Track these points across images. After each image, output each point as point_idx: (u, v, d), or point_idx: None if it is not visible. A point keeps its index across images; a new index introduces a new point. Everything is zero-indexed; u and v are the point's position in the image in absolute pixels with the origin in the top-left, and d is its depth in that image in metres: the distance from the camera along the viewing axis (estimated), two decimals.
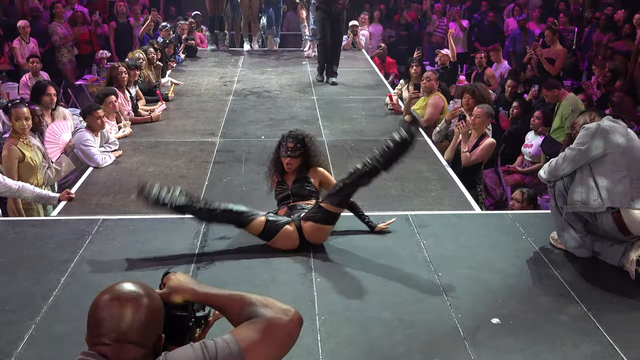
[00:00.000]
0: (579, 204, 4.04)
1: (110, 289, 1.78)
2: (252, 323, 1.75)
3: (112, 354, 1.69)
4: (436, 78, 7.67)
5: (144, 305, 1.75)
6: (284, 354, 1.79)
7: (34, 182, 5.53)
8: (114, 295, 1.76)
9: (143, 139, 7.22)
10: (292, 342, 1.80)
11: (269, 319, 1.76)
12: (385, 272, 4.13)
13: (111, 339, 1.70)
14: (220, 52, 12.79)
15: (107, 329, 1.71)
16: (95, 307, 1.75)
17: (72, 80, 11.83)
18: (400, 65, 12.09)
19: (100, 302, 1.75)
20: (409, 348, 3.32)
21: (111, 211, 5.23)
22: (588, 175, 4.04)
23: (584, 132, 4.12)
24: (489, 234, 4.72)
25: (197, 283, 1.92)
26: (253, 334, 1.73)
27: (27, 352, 3.29)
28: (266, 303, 1.80)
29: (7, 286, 3.95)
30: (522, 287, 3.97)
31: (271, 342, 1.74)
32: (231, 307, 1.82)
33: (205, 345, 1.70)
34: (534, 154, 7.63)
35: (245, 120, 8.06)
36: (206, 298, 1.88)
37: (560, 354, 3.28)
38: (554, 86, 7.83)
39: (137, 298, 1.76)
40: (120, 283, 1.80)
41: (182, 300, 1.87)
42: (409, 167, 6.25)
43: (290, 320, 1.78)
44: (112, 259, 4.30)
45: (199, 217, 4.33)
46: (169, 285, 1.89)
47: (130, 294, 1.76)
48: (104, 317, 1.72)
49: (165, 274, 1.96)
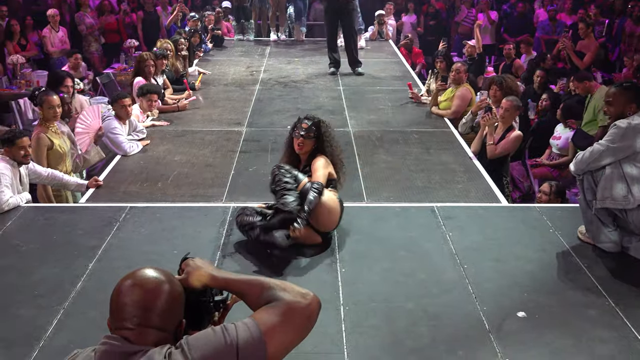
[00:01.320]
0: (608, 200, 3.99)
1: (132, 275, 1.81)
2: (271, 307, 1.76)
3: (134, 338, 1.72)
4: (465, 70, 7.62)
5: (165, 290, 1.78)
6: (303, 337, 1.80)
7: (62, 169, 5.60)
8: (136, 281, 1.78)
9: (170, 128, 7.26)
10: (311, 326, 1.81)
11: (288, 303, 1.77)
12: (411, 264, 4.12)
13: (134, 324, 1.73)
14: (246, 42, 12.82)
15: (130, 314, 1.74)
16: (118, 292, 1.78)
17: (100, 69, 11.93)
18: (427, 56, 12.01)
19: (123, 287, 1.78)
20: (433, 340, 3.32)
21: (138, 199, 5.28)
22: (618, 172, 3.99)
23: (614, 130, 4.05)
24: (515, 226, 4.69)
25: (215, 268, 1.94)
26: (273, 317, 1.74)
27: (56, 336, 3.35)
28: (285, 287, 1.81)
29: (36, 271, 4.02)
30: (549, 281, 3.94)
31: (291, 325, 1.75)
32: (250, 292, 1.83)
33: (225, 328, 1.72)
34: (562, 147, 7.53)
35: (271, 109, 8.07)
36: (225, 283, 1.89)
37: (586, 349, 3.26)
38: (585, 78, 7.71)
39: (159, 284, 1.78)
40: (142, 269, 1.83)
41: (201, 285, 1.90)
42: (435, 159, 6.24)
43: (309, 304, 1.78)
44: (139, 246, 4.36)
45: None
46: (188, 270, 1.91)
47: (152, 279, 1.79)
48: (127, 302, 1.75)
49: (183, 259, 1.98)
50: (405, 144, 6.72)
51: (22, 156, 4.95)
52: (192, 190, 5.50)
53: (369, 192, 5.42)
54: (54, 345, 3.27)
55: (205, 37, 11.81)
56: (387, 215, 4.81)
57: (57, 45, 11.40)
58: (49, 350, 3.22)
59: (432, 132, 7.14)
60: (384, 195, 5.36)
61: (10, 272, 4.01)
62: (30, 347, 3.24)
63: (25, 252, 4.29)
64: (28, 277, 3.95)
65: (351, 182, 5.62)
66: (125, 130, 6.50)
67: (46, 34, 11.35)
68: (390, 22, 13.40)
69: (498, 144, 6.11)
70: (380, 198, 5.30)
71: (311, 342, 3.20)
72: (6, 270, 4.04)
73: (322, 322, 3.15)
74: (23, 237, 4.48)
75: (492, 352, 3.22)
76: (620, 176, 3.97)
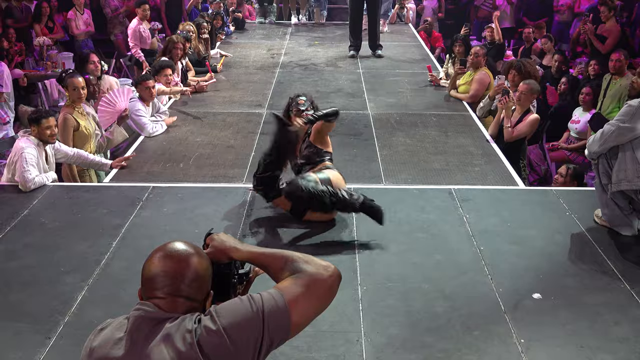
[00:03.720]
0: (624, 182, 3.99)
1: (163, 247, 1.90)
2: (295, 278, 1.86)
3: (165, 306, 1.81)
4: (484, 54, 7.60)
5: (194, 262, 1.86)
6: (324, 307, 1.89)
7: (87, 149, 5.69)
8: (167, 253, 1.87)
9: (192, 109, 7.34)
10: (333, 296, 1.90)
11: (312, 274, 1.86)
12: (427, 245, 4.17)
13: (165, 293, 1.82)
14: (267, 25, 12.84)
15: (161, 284, 1.83)
16: (150, 263, 1.87)
17: (124, 52, 12.02)
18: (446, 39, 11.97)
19: (154, 259, 1.87)
20: (449, 320, 3.37)
21: (161, 179, 5.37)
22: (632, 153, 3.97)
23: (625, 109, 4.04)
24: (532, 209, 4.72)
25: (239, 242, 2.04)
26: (297, 287, 1.83)
27: (80, 312, 3.44)
28: (307, 260, 1.90)
29: (62, 249, 4.12)
30: (564, 263, 3.97)
31: (314, 295, 1.84)
32: (274, 264, 1.92)
33: (252, 297, 1.81)
34: (580, 130, 7.51)
35: (291, 92, 7.99)
36: (250, 256, 1.99)
37: (601, 331, 3.29)
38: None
39: (189, 255, 1.87)
40: (173, 242, 1.91)
41: (226, 258, 1.99)
42: (453, 142, 6.26)
43: (331, 276, 1.87)
44: (161, 225, 4.44)
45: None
46: (213, 244, 2.01)
47: (182, 252, 1.87)
48: (159, 273, 1.84)
49: (207, 234, 2.07)
50: (424, 126, 6.75)
51: (48, 135, 5.05)
52: (213, 171, 5.58)
53: (387, 174, 5.47)
54: (79, 320, 3.35)
55: (227, 20, 11.85)
56: (405, 197, 4.85)
57: (82, 28, 11.51)
58: (74, 325, 3.31)
59: (451, 115, 7.16)
60: (402, 178, 5.41)
61: (37, 249, 4.11)
62: (55, 323, 3.33)
63: (51, 229, 4.39)
64: (54, 254, 4.04)
65: (369, 164, 5.69)
66: (149, 112, 6.58)
67: (71, 16, 11.46)
68: (410, 5, 13.34)
69: (515, 127, 6.12)
70: (398, 180, 5.34)
71: (329, 321, 3.28)
72: (32, 247, 4.14)
73: (340, 301, 3.24)
74: (48, 215, 4.58)
75: (508, 333, 3.27)
76: (633, 157, 3.96)
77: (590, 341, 3.21)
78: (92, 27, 11.72)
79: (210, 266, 1.93)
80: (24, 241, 4.21)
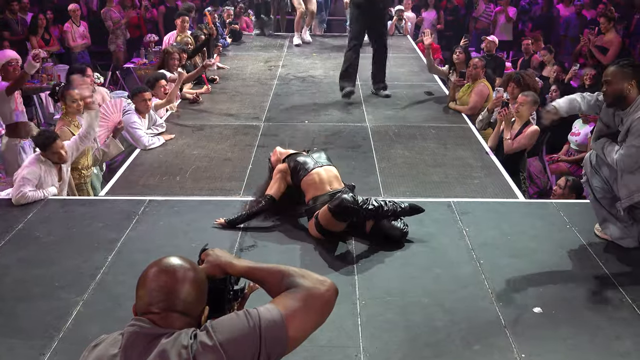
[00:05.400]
0: (636, 194, 3.94)
1: (158, 262, 1.87)
2: (291, 292, 1.84)
3: (160, 322, 1.78)
4: (482, 66, 7.59)
5: (190, 277, 1.83)
6: (322, 321, 1.87)
7: (84, 162, 5.67)
8: (162, 268, 1.84)
9: (189, 122, 7.31)
10: (330, 310, 1.88)
11: (308, 289, 1.84)
12: (427, 259, 4.14)
13: (159, 308, 1.79)
14: (265, 37, 12.84)
15: (156, 299, 1.79)
16: (145, 278, 1.84)
17: (122, 63, 12.04)
18: (445, 52, 11.97)
19: (149, 273, 1.84)
20: (449, 334, 3.33)
21: (157, 192, 5.33)
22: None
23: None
24: (532, 222, 4.68)
25: (234, 257, 2.02)
26: (294, 302, 1.81)
27: (75, 327, 3.40)
28: (303, 274, 1.88)
29: (56, 263, 4.08)
30: (565, 277, 3.94)
31: (311, 309, 1.82)
32: (270, 279, 1.91)
33: (248, 312, 1.78)
34: (580, 142, 7.49)
35: (289, 104, 8.09)
36: (246, 271, 1.97)
37: (602, 345, 3.26)
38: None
39: (184, 270, 1.84)
40: (168, 257, 1.88)
41: (222, 274, 1.97)
42: (452, 154, 6.23)
43: (327, 290, 1.85)
44: (157, 239, 4.40)
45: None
46: (209, 260, 1.99)
47: (177, 266, 1.84)
48: (154, 287, 1.81)
49: (202, 250, 2.05)
50: (423, 139, 6.72)
51: (57, 158, 5.03)
52: (210, 184, 5.54)
53: (386, 187, 5.43)
54: (73, 336, 3.31)
55: (224, 32, 11.83)
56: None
57: (79, 40, 11.51)
58: (68, 341, 3.27)
59: (450, 127, 7.13)
60: (401, 190, 5.37)
61: (31, 264, 4.07)
62: (50, 339, 3.29)
63: (46, 243, 4.35)
64: (48, 268, 4.00)
65: (368, 177, 5.65)
66: (145, 124, 6.55)
67: (67, 28, 11.47)
68: (409, 15, 13.33)
69: (515, 139, 6.09)
70: (397, 193, 5.30)
71: (327, 336, 3.24)
72: (26, 261, 4.10)
73: (338, 316, 3.20)
74: (43, 229, 4.54)
75: (508, 347, 3.23)
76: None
77: (592, 356, 3.18)
78: (88, 40, 11.73)
79: (206, 281, 1.90)
80: (18, 255, 4.17)
